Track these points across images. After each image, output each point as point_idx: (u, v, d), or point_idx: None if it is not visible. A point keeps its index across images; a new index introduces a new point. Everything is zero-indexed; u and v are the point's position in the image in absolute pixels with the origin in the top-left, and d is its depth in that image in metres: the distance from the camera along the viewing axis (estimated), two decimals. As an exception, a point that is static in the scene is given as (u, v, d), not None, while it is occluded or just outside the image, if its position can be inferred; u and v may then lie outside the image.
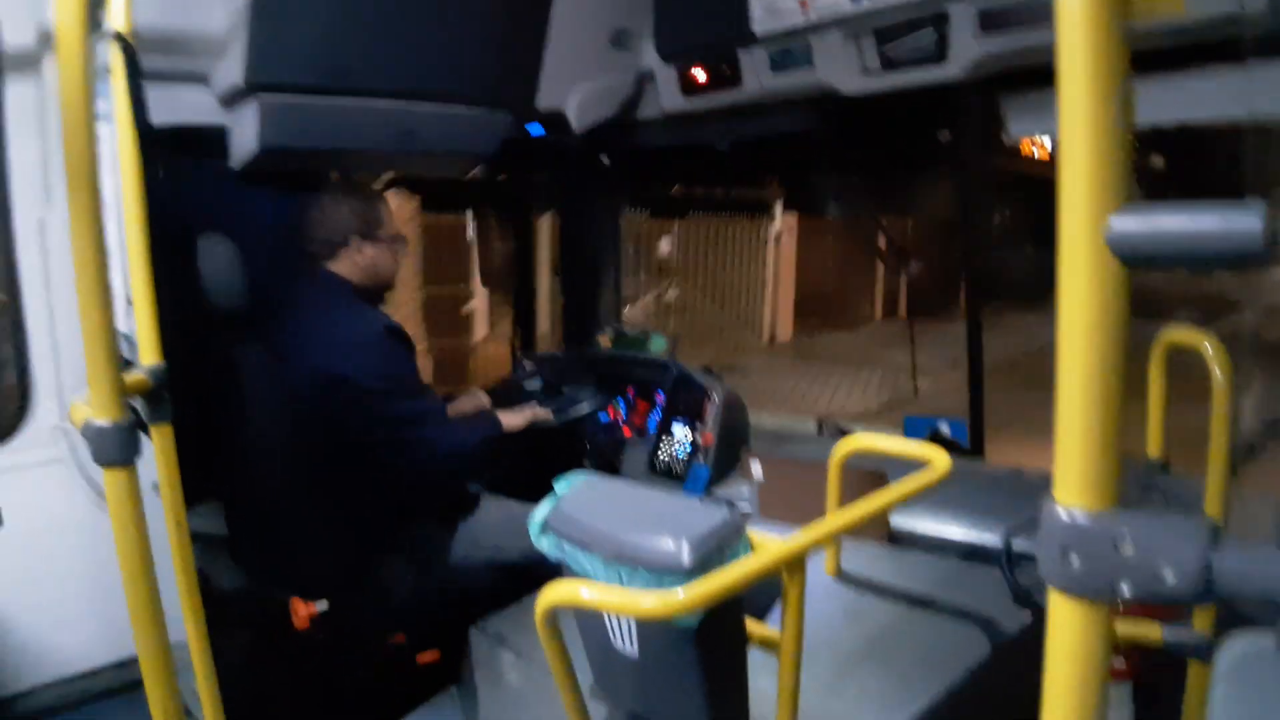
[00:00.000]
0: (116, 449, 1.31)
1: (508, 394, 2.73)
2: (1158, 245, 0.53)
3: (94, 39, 1.30)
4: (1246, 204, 0.51)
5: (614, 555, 1.19)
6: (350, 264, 2.22)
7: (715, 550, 1.16)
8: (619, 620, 1.28)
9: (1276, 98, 1.84)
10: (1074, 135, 0.55)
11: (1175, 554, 0.54)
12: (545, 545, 1.29)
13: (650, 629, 1.24)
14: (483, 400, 2.67)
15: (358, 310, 2.18)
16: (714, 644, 1.23)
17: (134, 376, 1.40)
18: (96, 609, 1.88)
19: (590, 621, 1.36)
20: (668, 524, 1.19)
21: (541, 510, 1.32)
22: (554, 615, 1.14)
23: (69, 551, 1.95)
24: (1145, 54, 1.81)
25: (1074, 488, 0.57)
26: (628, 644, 1.29)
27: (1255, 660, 0.63)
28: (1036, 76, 2.05)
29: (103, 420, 1.30)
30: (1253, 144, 1.83)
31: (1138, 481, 1.68)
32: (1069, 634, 0.58)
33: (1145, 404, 1.59)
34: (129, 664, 1.56)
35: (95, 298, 1.27)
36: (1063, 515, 0.58)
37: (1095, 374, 0.55)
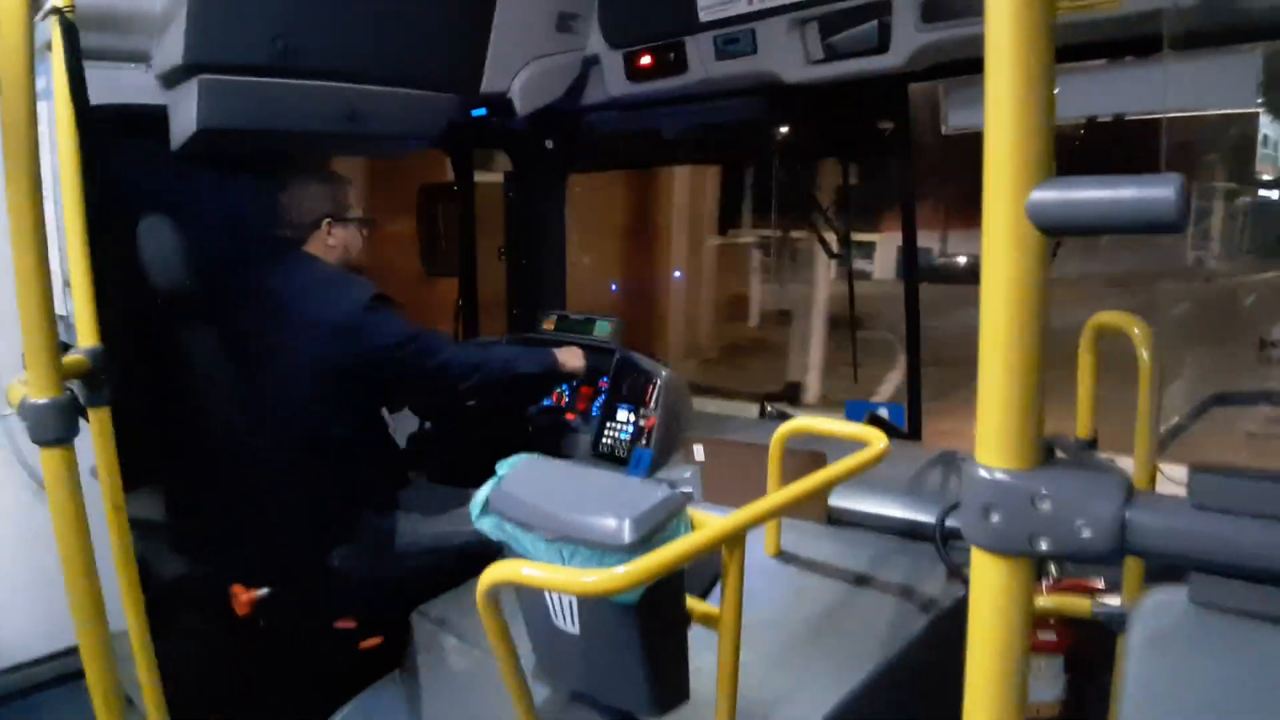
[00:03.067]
0: (54, 427, 1.28)
1: None
2: (1076, 214, 0.55)
3: (34, 14, 1.27)
4: (1163, 176, 0.53)
5: (555, 534, 1.20)
6: (322, 246, 2.24)
7: (656, 527, 1.18)
8: (560, 599, 1.28)
9: (1190, 93, 1.91)
10: (999, 116, 0.57)
11: (1091, 509, 0.57)
12: (486, 526, 1.29)
13: (592, 607, 1.25)
14: None
15: (348, 282, 2.20)
16: (655, 620, 1.24)
17: (72, 358, 1.38)
18: (35, 598, 1.84)
19: (532, 602, 1.36)
20: (609, 502, 1.20)
21: (482, 491, 1.32)
22: (495, 596, 1.14)
23: (5, 539, 1.90)
24: (1076, 47, 1.87)
25: (995, 449, 0.59)
26: (569, 623, 1.30)
27: (1166, 614, 0.66)
28: (976, 68, 2.09)
29: (40, 398, 1.27)
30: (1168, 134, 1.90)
31: (1065, 458, 1.74)
32: (991, 591, 0.61)
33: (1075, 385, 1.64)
34: (69, 653, 1.53)
35: (33, 278, 1.24)
36: (984, 474, 0.60)
37: (1016, 339, 0.57)
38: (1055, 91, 0.58)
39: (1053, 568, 1.66)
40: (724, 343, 11.10)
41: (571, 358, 2.53)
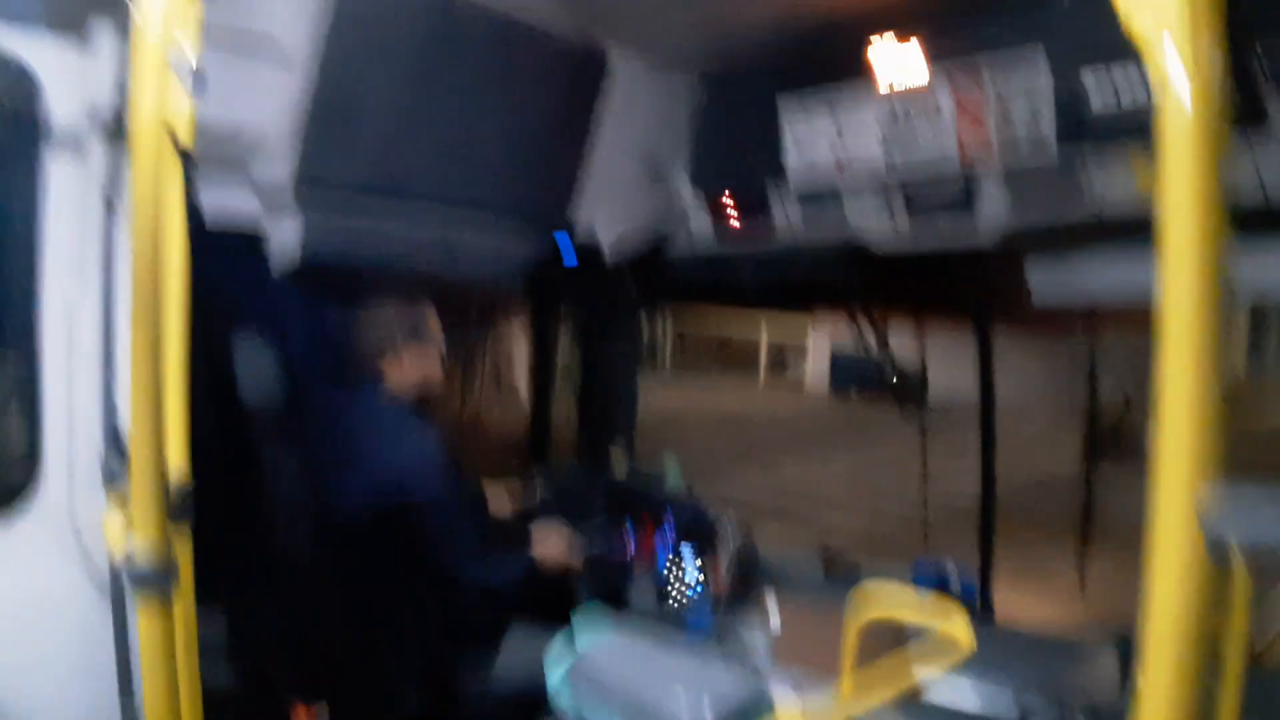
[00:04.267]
0: (158, 578, 1.29)
1: (522, 517, 2.67)
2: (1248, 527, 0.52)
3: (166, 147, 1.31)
4: None
5: (633, 714, 1.15)
6: (396, 371, 2.21)
7: (736, 713, 1.12)
8: None
9: None
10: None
11: None
12: (564, 698, 1.25)
13: None
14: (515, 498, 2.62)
15: (413, 427, 2.18)
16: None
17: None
18: (88, 705, 1.79)
19: None
20: (688, 683, 1.15)
21: (559, 658, 1.28)
22: None
23: (64, 641, 1.87)
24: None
25: None
26: None
27: None
28: (1063, 243, 2.09)
29: (145, 545, 1.27)
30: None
31: None
32: None
33: None
34: None
35: (148, 410, 1.26)
36: None
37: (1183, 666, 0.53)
38: None
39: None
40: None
41: (550, 548, 2.31)
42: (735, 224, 2.58)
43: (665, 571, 2.50)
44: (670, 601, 2.45)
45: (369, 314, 2.23)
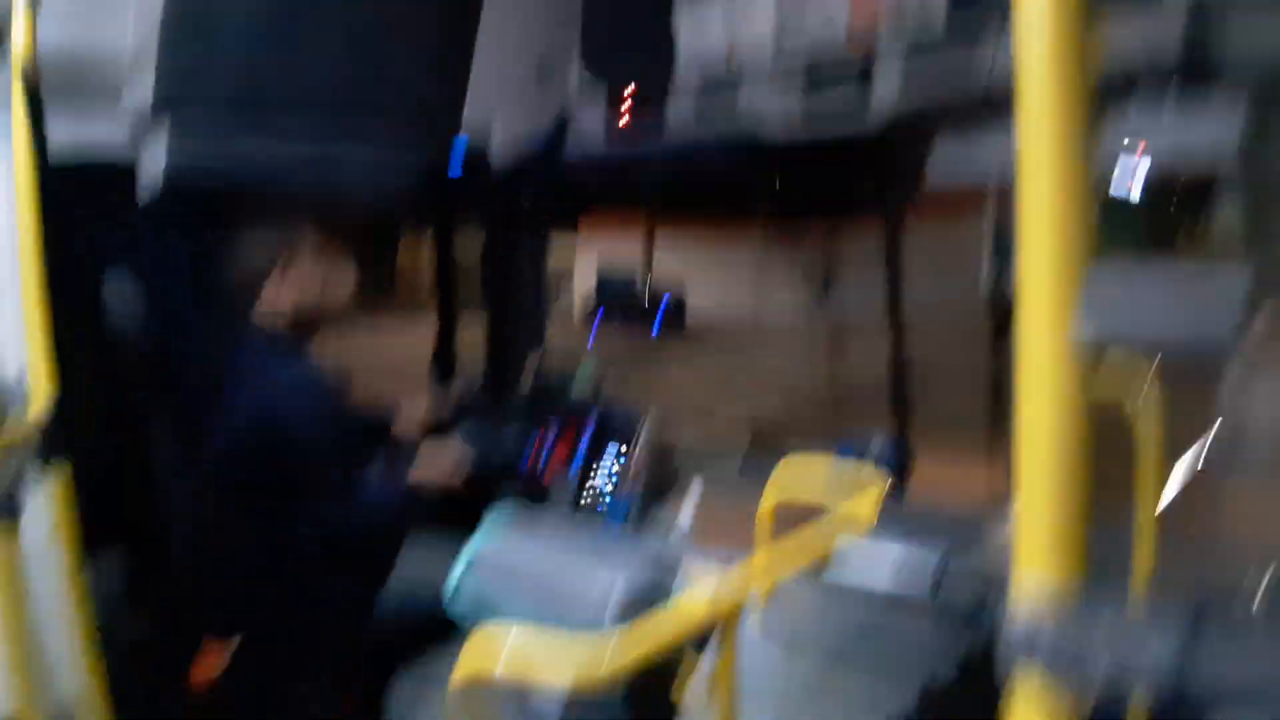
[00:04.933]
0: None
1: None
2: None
3: None
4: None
5: (541, 599, 1.15)
6: (272, 297, 2.10)
7: (649, 590, 1.13)
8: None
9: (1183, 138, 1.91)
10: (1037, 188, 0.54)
11: (1143, 656, 0.52)
12: (468, 588, 1.23)
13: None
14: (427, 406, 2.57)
15: (282, 360, 2.08)
16: (646, 691, 1.19)
17: (25, 417, 1.31)
18: None
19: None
20: (598, 564, 1.15)
21: (464, 553, 1.26)
22: (471, 690, 1.08)
23: None
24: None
25: (1039, 567, 0.55)
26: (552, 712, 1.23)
27: None
28: (964, 118, 2.10)
29: None
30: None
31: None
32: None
33: None
34: None
35: None
36: (1027, 614, 0.55)
37: (1060, 449, 0.54)
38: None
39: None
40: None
41: (432, 469, 2.23)
42: (627, 121, 2.51)
43: (582, 469, 2.52)
44: (587, 500, 2.47)
45: (239, 239, 2.10)
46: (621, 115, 2.52)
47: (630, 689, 1.11)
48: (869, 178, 2.41)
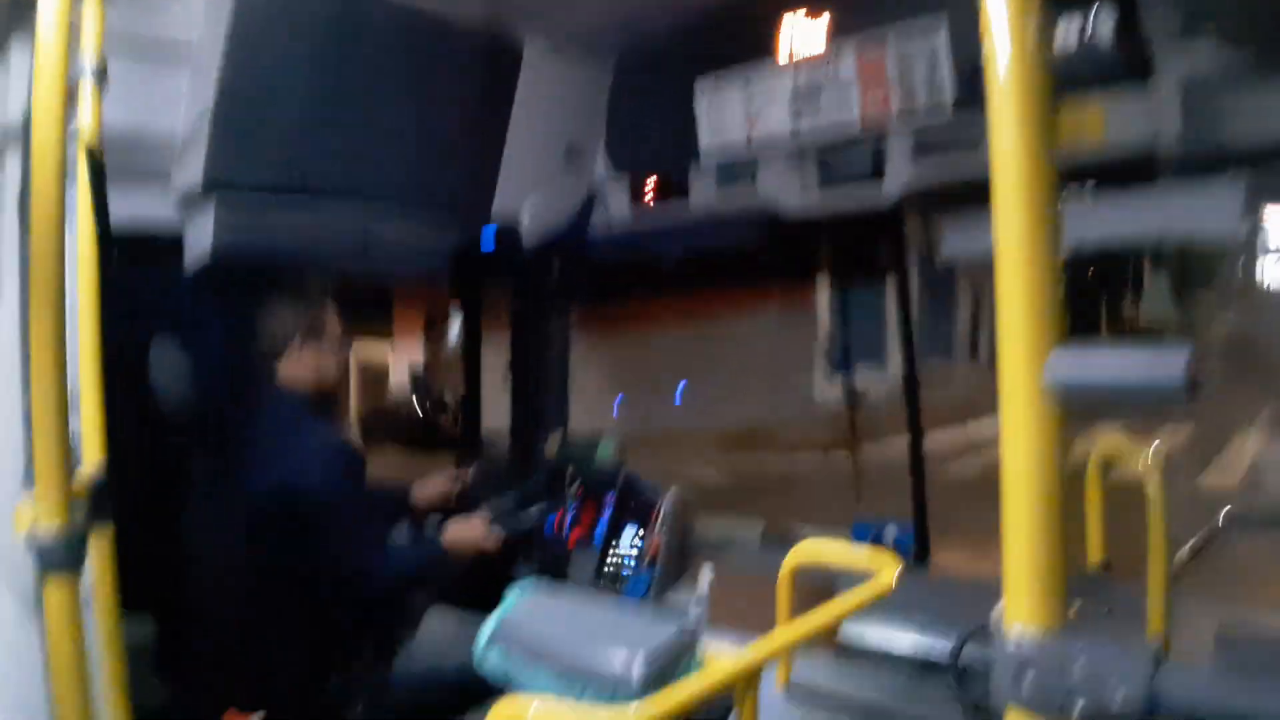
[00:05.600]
0: (64, 558, 1.26)
1: (457, 503, 2.68)
2: (1090, 391, 0.57)
3: (66, 146, 1.32)
4: (1172, 347, 0.55)
5: (564, 669, 1.17)
6: (294, 367, 2.19)
7: (669, 667, 1.15)
8: None
9: (1185, 219, 1.97)
10: (1012, 287, 0.59)
11: (1121, 676, 0.56)
12: (492, 660, 1.26)
13: None
14: (446, 485, 2.61)
15: (307, 426, 2.14)
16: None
17: (81, 478, 1.36)
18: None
19: None
20: (620, 639, 1.17)
21: (489, 624, 1.29)
22: None
23: None
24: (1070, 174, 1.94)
25: (1024, 612, 0.59)
26: None
27: None
28: (969, 198, 2.17)
29: (50, 527, 1.25)
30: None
31: (1081, 587, 1.71)
32: None
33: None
34: None
35: (51, 399, 1.25)
36: (1014, 638, 0.59)
37: (1038, 508, 0.58)
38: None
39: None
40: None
41: (463, 534, 2.31)
42: (652, 203, 2.61)
43: (603, 546, 2.53)
44: (608, 575, 2.48)
45: (266, 313, 2.19)
46: (645, 194, 2.62)
47: None
48: (882, 251, 2.47)
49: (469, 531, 2.33)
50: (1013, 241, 0.58)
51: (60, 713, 1.29)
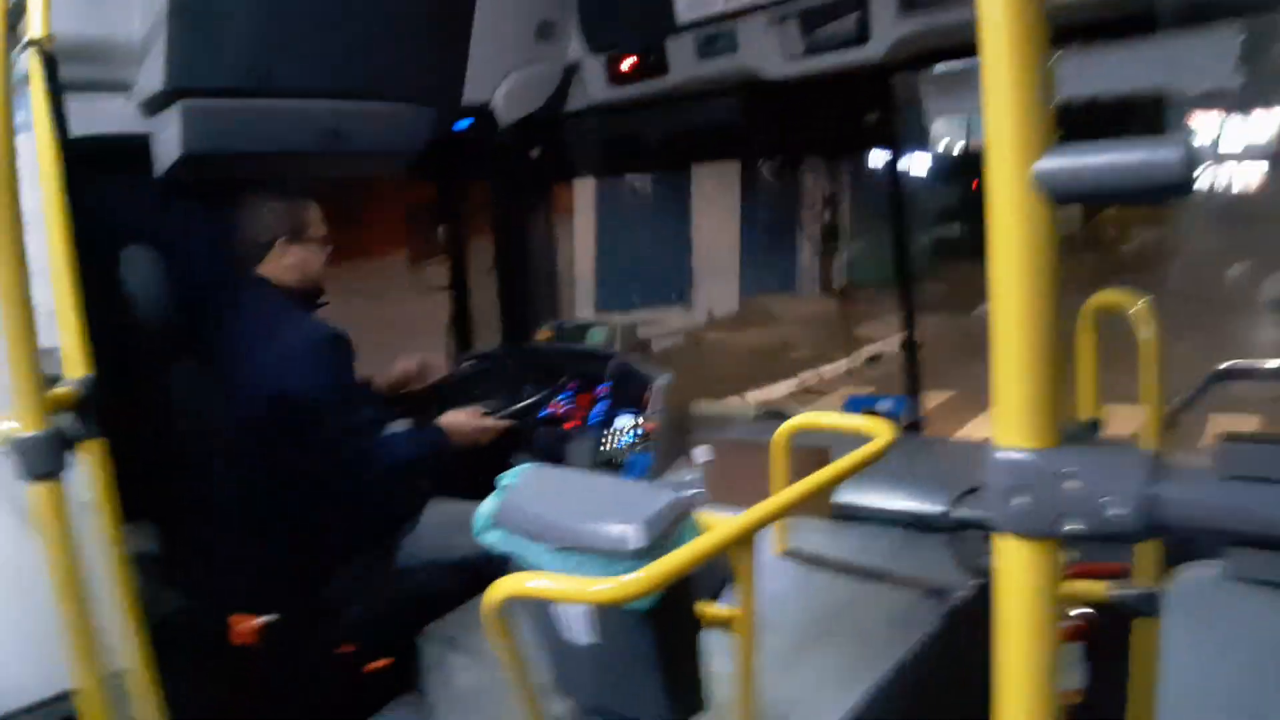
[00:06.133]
0: (43, 461, 1.26)
1: (448, 391, 2.69)
2: (1084, 181, 0.54)
3: (12, 48, 1.26)
4: (1168, 138, 0.52)
5: (562, 543, 1.18)
6: (277, 266, 2.16)
7: (665, 532, 1.16)
8: (570, 611, 1.26)
9: (1183, 71, 1.91)
10: (999, 90, 0.55)
11: (1118, 487, 0.55)
12: (492, 539, 1.27)
13: (604, 618, 1.23)
14: (409, 364, 2.62)
15: (293, 318, 2.12)
16: (669, 628, 1.22)
17: (61, 391, 1.35)
18: (28, 642, 1.79)
19: (541, 615, 1.34)
20: (616, 508, 1.18)
21: (486, 504, 1.30)
22: (503, 612, 1.12)
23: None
24: (1061, 29, 1.87)
25: (1015, 429, 0.57)
26: (581, 635, 1.27)
27: (1202, 591, 0.64)
28: (955, 56, 2.09)
29: (28, 432, 1.24)
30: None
31: (1072, 433, 1.72)
32: (1018, 576, 0.59)
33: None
34: (65, 698, 1.50)
35: (17, 310, 1.23)
36: (1005, 456, 0.58)
37: (1030, 314, 0.55)
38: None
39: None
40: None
41: (460, 424, 2.33)
42: (628, 72, 2.52)
43: (599, 431, 2.55)
44: (605, 459, 2.51)
45: (247, 214, 2.15)
46: (623, 71, 2.52)
47: (655, 610, 1.14)
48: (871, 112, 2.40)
49: (468, 417, 2.36)
50: (999, 36, 0.54)
51: (66, 620, 1.30)
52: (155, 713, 1.49)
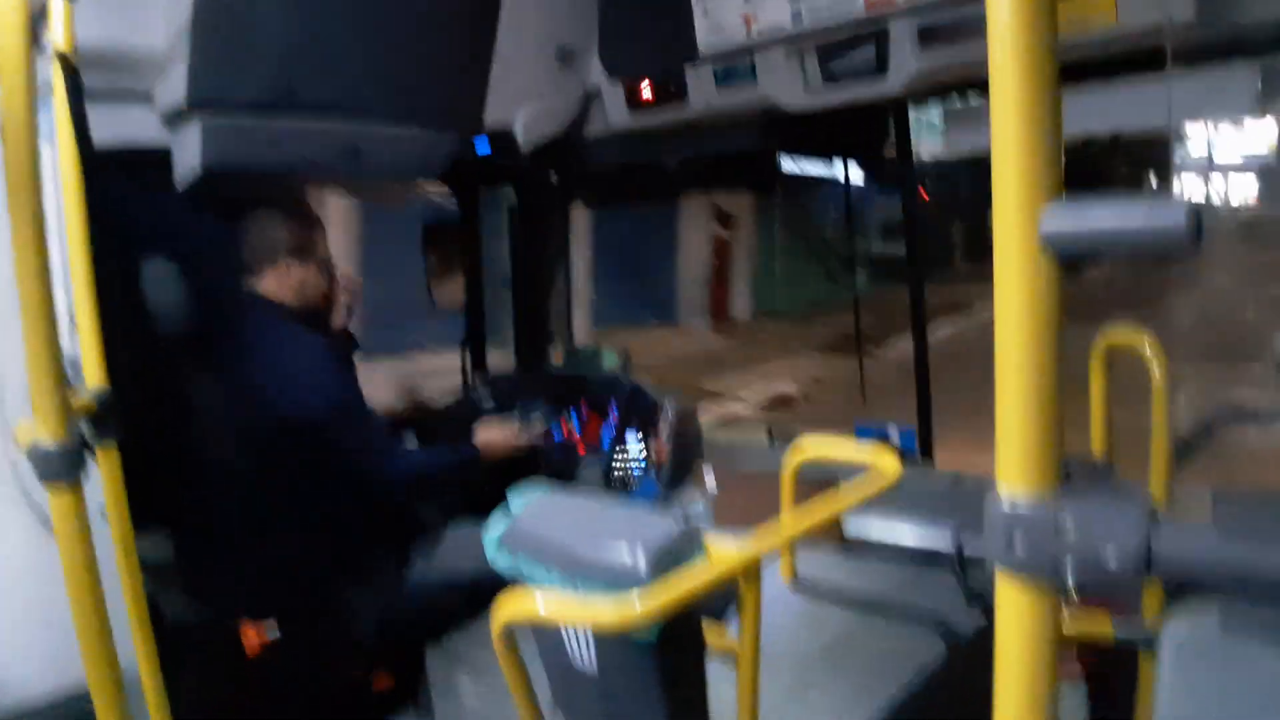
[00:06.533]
0: (62, 467, 1.28)
1: (461, 413, 2.71)
2: (1088, 240, 0.55)
3: (35, 56, 1.28)
4: (1172, 201, 0.53)
5: (569, 566, 1.19)
6: (279, 284, 2.18)
7: (672, 559, 1.16)
8: (577, 636, 1.27)
9: (1194, 106, 1.91)
10: (1006, 139, 0.57)
11: (1115, 534, 0.56)
12: (501, 561, 1.28)
13: (609, 643, 1.24)
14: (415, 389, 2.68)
15: (295, 337, 2.14)
16: (673, 655, 1.22)
17: (79, 398, 1.37)
18: (43, 641, 1.81)
19: (548, 639, 1.34)
20: (624, 533, 1.18)
21: (496, 525, 1.31)
22: (511, 633, 1.13)
23: (14, 584, 1.88)
24: (1076, 65, 1.89)
25: (1016, 475, 0.58)
26: (586, 660, 1.28)
27: (1197, 635, 0.65)
28: (974, 90, 2.11)
29: (48, 439, 1.26)
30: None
31: (1080, 472, 1.72)
32: (1017, 617, 0.60)
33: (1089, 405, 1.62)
34: (79, 697, 1.52)
35: (39, 317, 1.25)
36: (1006, 501, 0.59)
37: (1032, 362, 0.56)
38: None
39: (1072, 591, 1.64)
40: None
41: (496, 439, 2.36)
42: (649, 101, 2.54)
43: (610, 452, 2.56)
44: (616, 480, 2.51)
45: (252, 229, 2.18)
46: (642, 98, 2.55)
47: (660, 637, 1.15)
48: (887, 144, 2.42)
49: (501, 432, 2.38)
50: (1008, 89, 0.56)
51: (79, 622, 1.32)
52: (162, 716, 1.51)
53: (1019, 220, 0.56)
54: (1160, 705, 0.66)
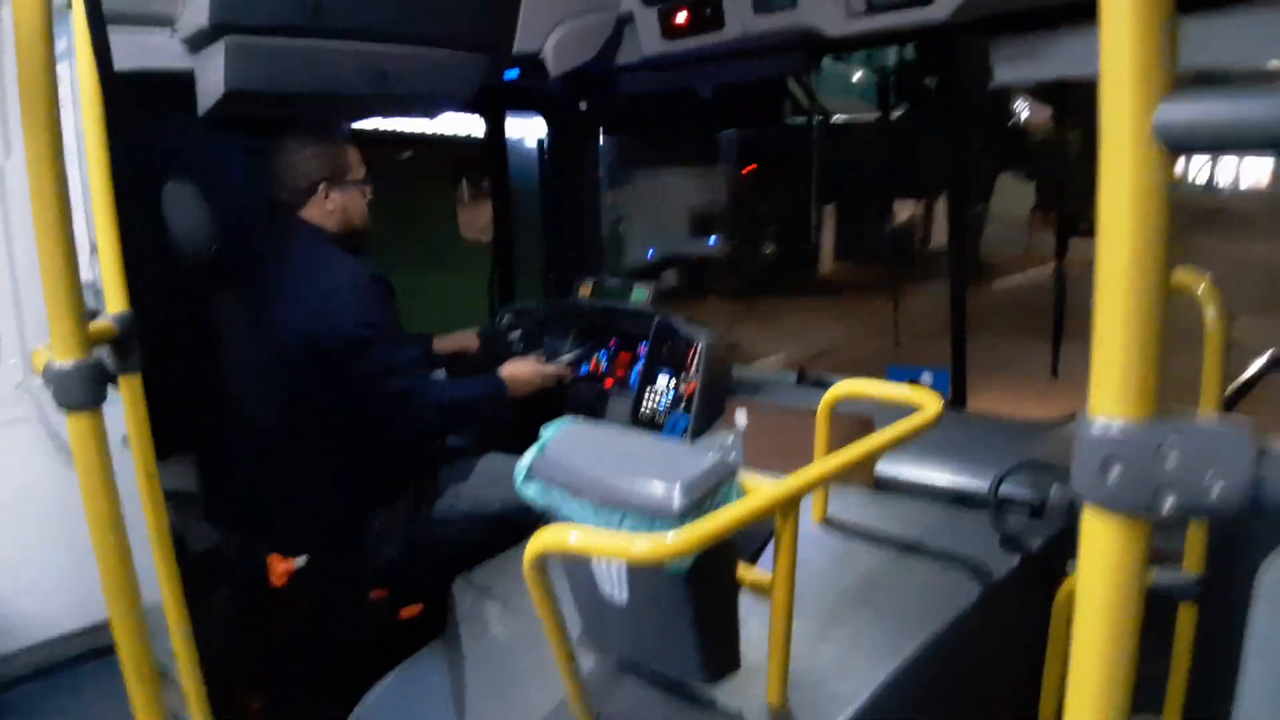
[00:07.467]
0: (81, 391, 1.24)
1: (488, 345, 2.69)
2: (1207, 134, 0.50)
3: None
4: None
5: (604, 500, 1.17)
6: (320, 211, 2.15)
7: (708, 494, 1.14)
8: (609, 566, 1.25)
9: None
10: (1119, 26, 0.51)
11: (1224, 464, 0.51)
12: (531, 492, 1.26)
13: (641, 575, 1.22)
14: (470, 340, 2.67)
15: (336, 259, 2.11)
16: (706, 588, 1.21)
17: (100, 324, 1.34)
18: (65, 572, 1.81)
19: (578, 569, 1.33)
20: (659, 468, 1.16)
21: (527, 457, 1.29)
22: (542, 564, 1.11)
23: (35, 514, 1.88)
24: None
25: (1114, 396, 0.53)
26: (617, 591, 1.27)
27: None
28: (1025, 21, 2.00)
29: (65, 362, 1.23)
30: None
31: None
32: (1106, 553, 0.55)
33: None
34: (101, 628, 1.52)
35: (55, 241, 1.21)
36: (1100, 425, 0.54)
37: (1139, 271, 0.51)
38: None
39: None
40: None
41: (521, 372, 2.35)
42: (682, 26, 2.45)
43: (639, 390, 2.53)
44: (645, 417, 2.49)
45: (286, 156, 2.14)
46: (677, 25, 2.45)
47: (692, 570, 1.13)
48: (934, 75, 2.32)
49: (527, 366, 2.38)
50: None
51: (99, 552, 1.30)
52: (187, 646, 1.51)
53: (1132, 112, 0.50)
54: (1254, 649, 0.62)
